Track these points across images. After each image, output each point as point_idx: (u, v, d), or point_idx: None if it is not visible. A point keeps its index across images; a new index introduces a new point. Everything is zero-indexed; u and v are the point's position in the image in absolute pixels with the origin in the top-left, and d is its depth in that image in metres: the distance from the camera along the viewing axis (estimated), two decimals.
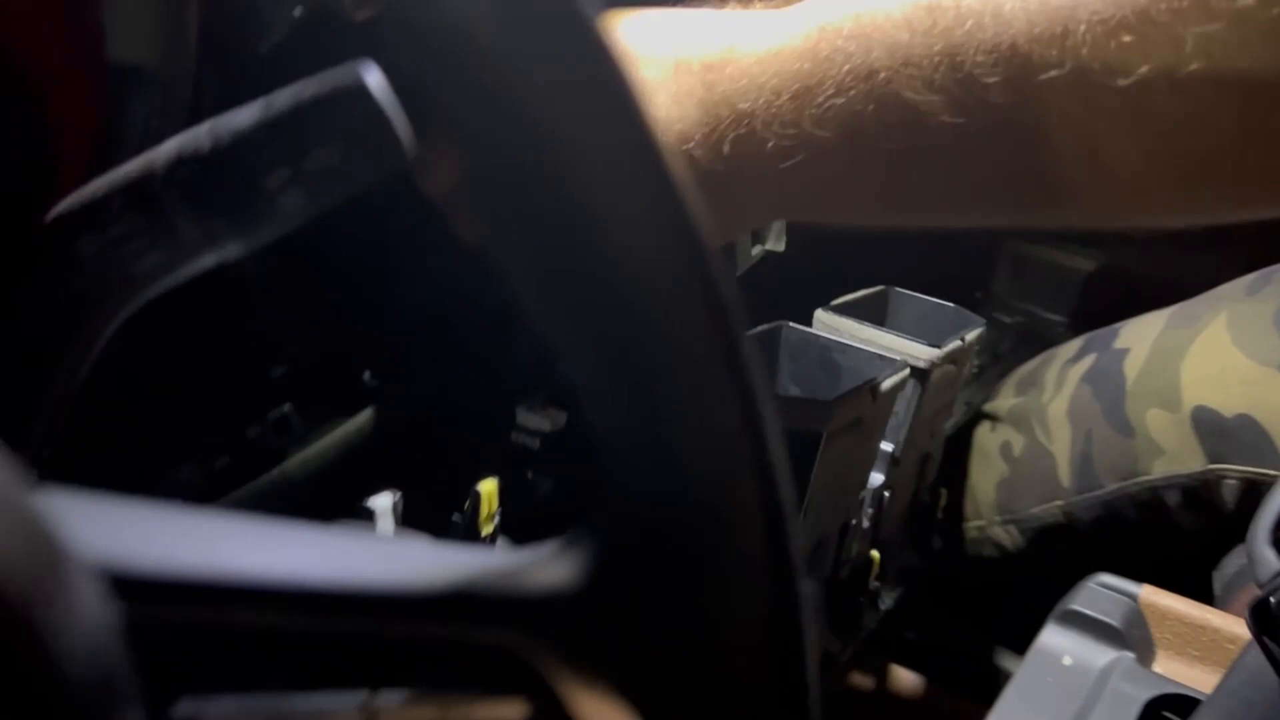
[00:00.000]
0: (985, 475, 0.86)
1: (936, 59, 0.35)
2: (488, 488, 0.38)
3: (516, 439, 0.45)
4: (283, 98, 0.28)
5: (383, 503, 0.35)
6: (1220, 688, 0.47)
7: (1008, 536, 0.85)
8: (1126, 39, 0.32)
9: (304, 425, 0.39)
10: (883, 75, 0.36)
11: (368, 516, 0.36)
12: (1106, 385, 0.74)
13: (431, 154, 0.30)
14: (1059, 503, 0.80)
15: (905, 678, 0.74)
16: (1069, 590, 0.63)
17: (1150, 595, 0.61)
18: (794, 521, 0.23)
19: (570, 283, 0.22)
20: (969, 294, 1.09)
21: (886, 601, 0.62)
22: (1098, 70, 0.33)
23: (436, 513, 0.38)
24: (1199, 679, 0.58)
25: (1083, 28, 0.33)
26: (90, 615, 0.15)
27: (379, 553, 0.21)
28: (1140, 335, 0.74)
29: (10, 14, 0.35)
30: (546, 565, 0.22)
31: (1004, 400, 0.86)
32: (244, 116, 0.28)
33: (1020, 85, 0.34)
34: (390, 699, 0.20)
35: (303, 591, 0.19)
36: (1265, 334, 0.64)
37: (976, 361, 0.92)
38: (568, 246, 0.22)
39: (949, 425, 0.81)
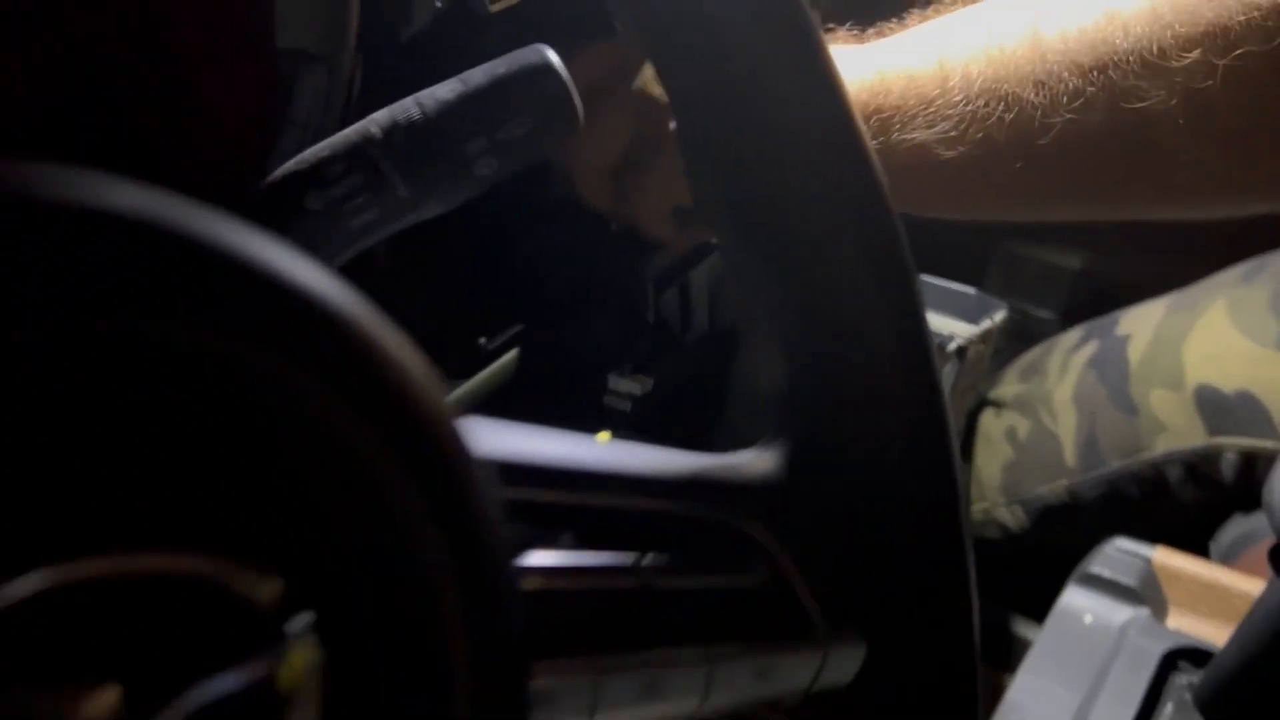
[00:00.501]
0: (990, 460, 0.91)
1: (1039, 70, 0.40)
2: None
3: (609, 402, 0.49)
4: (478, 75, 0.32)
5: None
6: (1240, 629, 0.52)
7: (1012, 518, 0.90)
8: (1195, 55, 0.37)
9: None
10: (1004, 88, 0.41)
11: None
12: (1111, 369, 0.79)
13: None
14: (1064, 483, 0.85)
15: None
16: (1076, 563, 0.68)
17: (1164, 557, 0.66)
18: (948, 415, 0.27)
19: (782, 229, 0.26)
20: None
21: None
22: (1180, 77, 0.38)
23: None
24: (1210, 633, 0.63)
25: (1136, 29, 0.38)
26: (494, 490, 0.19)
27: (631, 453, 0.25)
28: (1141, 322, 0.80)
29: (181, 7, 0.38)
30: (755, 461, 0.26)
31: (1008, 388, 0.91)
32: (446, 90, 0.32)
33: (1111, 87, 0.39)
34: (657, 565, 0.24)
35: (598, 474, 0.23)
36: (1262, 316, 0.70)
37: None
38: (771, 190, 0.27)
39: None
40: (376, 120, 0.31)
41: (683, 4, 0.25)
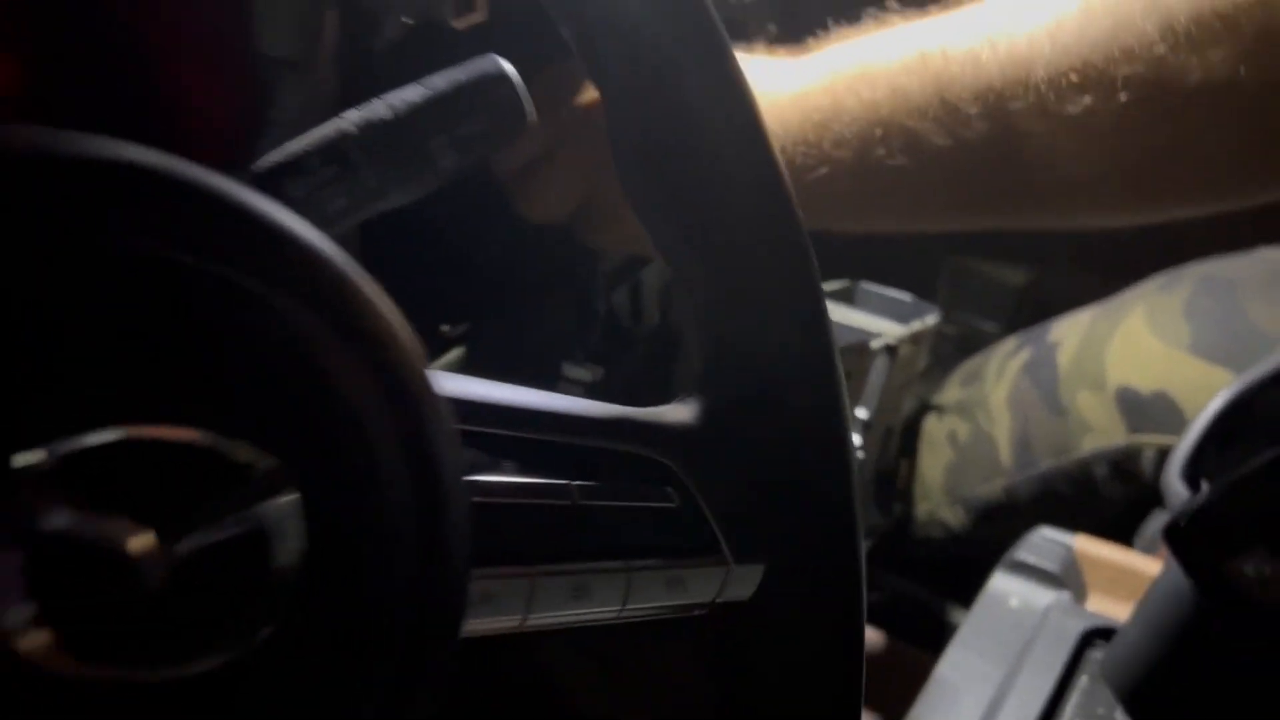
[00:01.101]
0: (934, 462, 0.96)
1: (929, 94, 0.45)
2: None
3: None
4: (440, 80, 0.36)
5: None
6: (1140, 606, 0.57)
7: (954, 517, 0.95)
8: (1073, 79, 0.42)
9: None
10: (886, 109, 0.46)
11: None
12: (1042, 374, 0.84)
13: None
14: (1001, 482, 0.90)
15: (868, 634, 0.83)
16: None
17: (1084, 544, 0.71)
18: (842, 386, 0.32)
19: (696, 213, 0.31)
20: None
21: None
22: (1053, 100, 0.43)
23: None
24: (1125, 614, 0.67)
25: (1041, 71, 0.43)
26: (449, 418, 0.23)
27: (568, 400, 0.30)
28: (1070, 329, 0.85)
29: (172, 17, 0.43)
30: (676, 410, 0.31)
31: (950, 393, 0.96)
32: (412, 93, 0.36)
33: (994, 113, 0.44)
34: (589, 489, 0.28)
35: (541, 412, 0.28)
36: (1175, 321, 0.75)
37: (922, 361, 1.02)
38: (687, 185, 0.31)
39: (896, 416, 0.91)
40: (350, 119, 0.35)
41: (603, 11, 0.30)
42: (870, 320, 0.65)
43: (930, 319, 0.70)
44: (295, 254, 0.19)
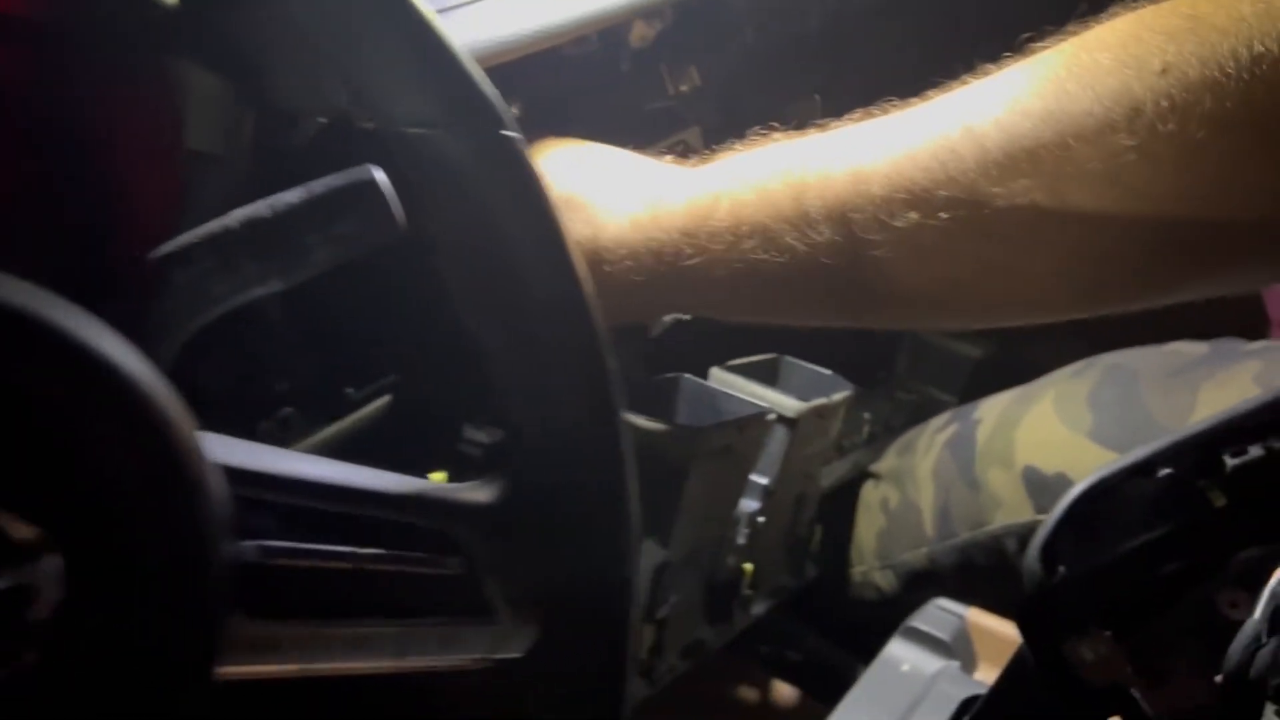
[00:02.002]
0: (868, 526, 1.00)
1: (787, 203, 0.50)
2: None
3: (462, 449, 0.58)
4: (320, 184, 0.42)
5: None
6: (997, 679, 0.61)
7: (884, 580, 0.99)
8: (902, 196, 0.47)
9: (304, 424, 0.52)
10: (751, 209, 0.51)
11: None
12: (962, 449, 0.88)
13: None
14: (925, 550, 0.93)
15: (781, 688, 0.87)
16: None
17: (976, 616, 0.75)
18: (630, 480, 0.36)
19: (502, 317, 0.36)
20: (874, 373, 1.23)
21: (759, 608, 0.75)
22: (887, 215, 0.48)
23: None
24: None
25: (878, 186, 0.48)
26: (217, 483, 0.28)
27: (369, 475, 0.35)
28: (991, 409, 0.89)
29: (110, 115, 0.49)
30: (474, 489, 0.36)
31: (886, 462, 1.00)
32: (292, 195, 0.41)
33: (839, 222, 0.49)
34: (369, 555, 0.33)
35: (324, 485, 0.33)
36: (1080, 408, 0.79)
37: (868, 429, 1.06)
38: (503, 296, 0.36)
39: (833, 480, 0.95)
40: (235, 216, 0.41)
41: (427, 150, 0.35)
42: (773, 395, 0.70)
43: (838, 395, 0.74)
44: (47, 338, 0.24)
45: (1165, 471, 0.62)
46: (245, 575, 0.29)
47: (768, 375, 0.77)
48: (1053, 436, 0.80)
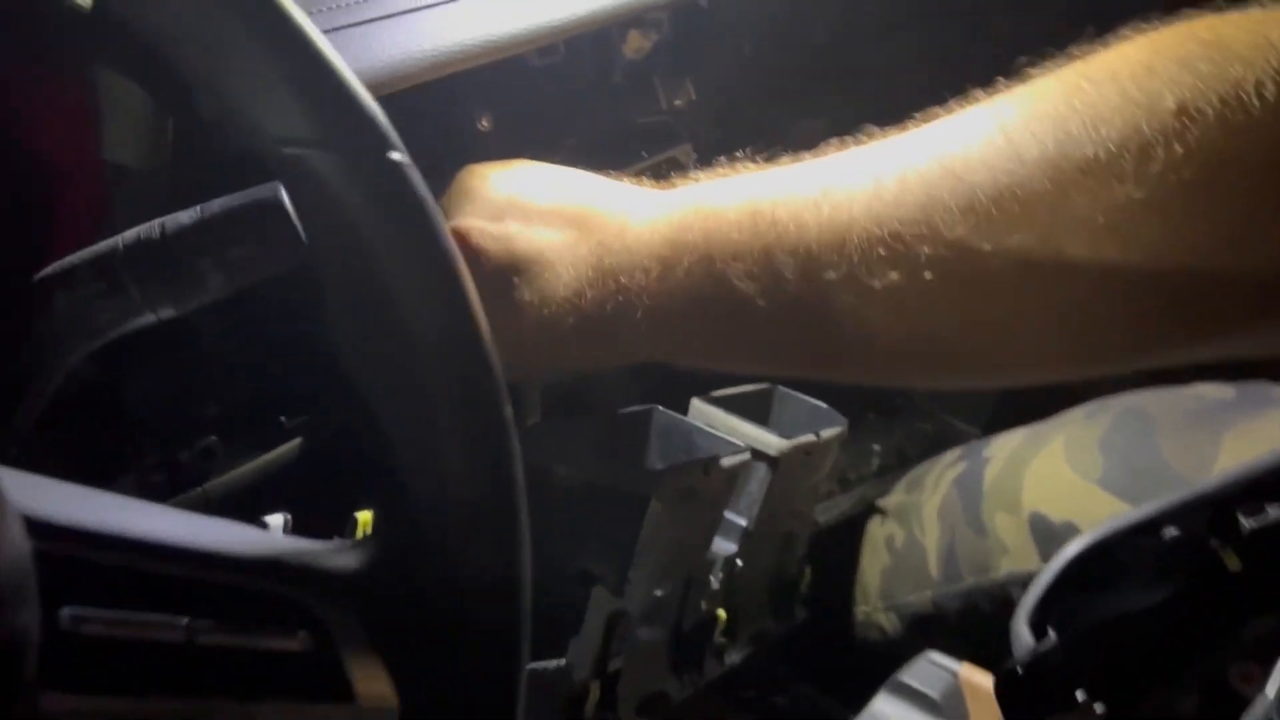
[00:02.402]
0: (872, 565, 0.95)
1: (755, 253, 0.46)
2: (364, 517, 0.47)
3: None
4: (216, 204, 0.38)
5: (275, 520, 0.45)
6: None
7: (888, 622, 0.94)
8: (882, 252, 0.43)
9: (227, 454, 0.49)
10: (718, 264, 0.47)
11: (263, 529, 0.45)
12: (969, 489, 0.83)
13: None
14: (929, 593, 0.88)
15: None
16: None
17: (968, 672, 0.70)
18: (524, 551, 0.33)
19: (384, 361, 0.32)
20: (892, 401, 1.18)
21: (734, 656, 0.71)
22: (864, 272, 0.43)
23: (324, 533, 0.47)
24: None
25: (855, 240, 0.44)
26: (12, 537, 0.25)
27: (216, 531, 0.31)
28: (1002, 448, 0.84)
29: (33, 126, 0.46)
30: (343, 554, 0.32)
31: (894, 497, 0.95)
32: (186, 216, 0.38)
33: (810, 278, 0.45)
34: (206, 626, 0.29)
35: (151, 545, 0.29)
36: (1090, 454, 0.74)
37: (878, 461, 1.01)
38: (386, 339, 0.33)
39: (835, 514, 0.90)
40: (124, 237, 0.38)
41: (303, 171, 0.31)
42: (754, 431, 0.66)
43: (829, 432, 0.70)
44: None
45: (1175, 530, 0.57)
46: (57, 645, 0.26)
47: (759, 406, 0.73)
48: (1061, 482, 0.75)
